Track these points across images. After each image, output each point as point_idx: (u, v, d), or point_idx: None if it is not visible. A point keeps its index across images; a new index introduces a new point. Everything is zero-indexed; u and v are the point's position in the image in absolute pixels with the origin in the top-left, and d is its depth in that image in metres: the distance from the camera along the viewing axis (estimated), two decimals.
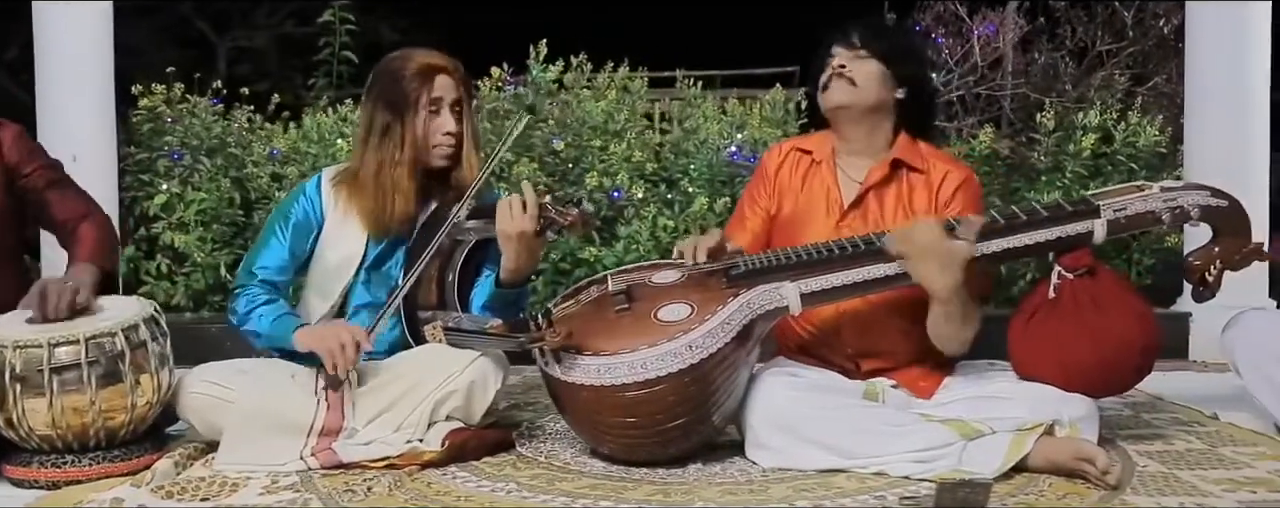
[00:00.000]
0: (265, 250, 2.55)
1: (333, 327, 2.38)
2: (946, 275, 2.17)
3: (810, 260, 2.28)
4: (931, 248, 2.17)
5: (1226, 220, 2.28)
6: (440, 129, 2.49)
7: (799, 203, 2.52)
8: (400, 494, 2.10)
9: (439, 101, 2.48)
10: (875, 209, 2.46)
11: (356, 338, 2.31)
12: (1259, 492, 2.05)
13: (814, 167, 2.53)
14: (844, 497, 2.03)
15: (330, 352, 2.30)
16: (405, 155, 2.47)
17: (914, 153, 2.47)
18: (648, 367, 2.14)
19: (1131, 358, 2.26)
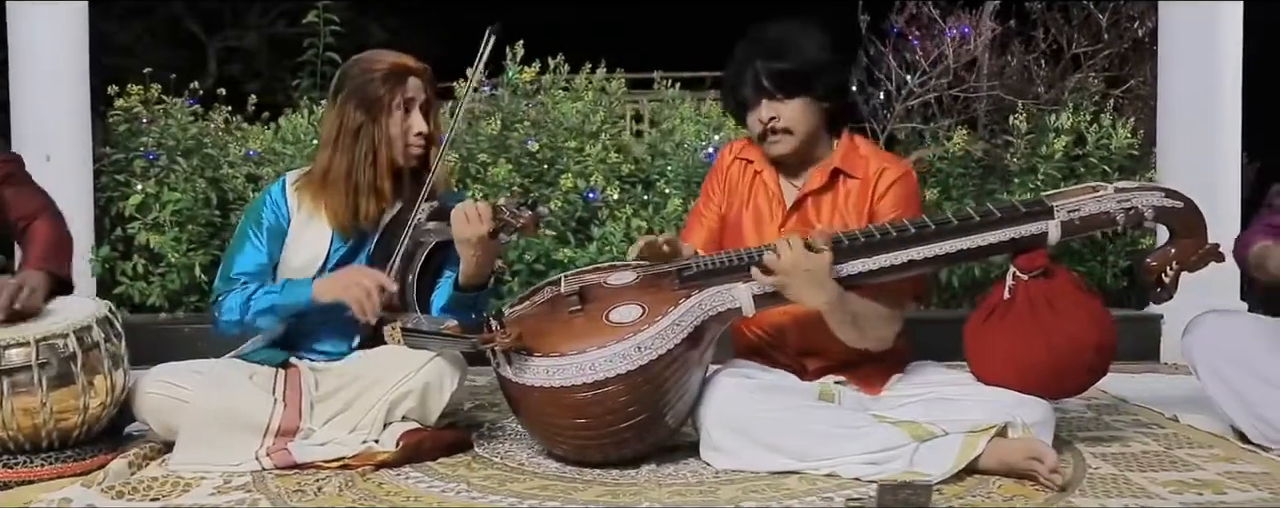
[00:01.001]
0: (241, 255, 2.55)
1: (351, 272, 2.41)
2: (819, 293, 2.19)
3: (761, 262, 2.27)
4: (796, 267, 2.19)
5: (1182, 221, 2.28)
6: (412, 130, 2.49)
7: (744, 207, 2.54)
8: (350, 494, 2.10)
9: (411, 102, 2.49)
10: (814, 214, 2.46)
11: (379, 281, 2.34)
12: (1206, 494, 2.05)
13: (757, 175, 2.54)
14: (792, 498, 2.03)
15: (356, 300, 2.33)
16: (380, 156, 2.48)
17: (853, 159, 2.46)
18: (596, 368, 2.14)
19: (1086, 358, 2.26)
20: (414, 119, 2.50)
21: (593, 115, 4.50)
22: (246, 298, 2.46)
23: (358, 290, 2.32)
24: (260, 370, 2.46)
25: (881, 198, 2.43)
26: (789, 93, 2.40)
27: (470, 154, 4.34)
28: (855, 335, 2.30)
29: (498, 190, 4.22)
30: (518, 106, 4.52)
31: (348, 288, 2.34)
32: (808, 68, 2.39)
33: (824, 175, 2.45)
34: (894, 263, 2.25)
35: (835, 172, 2.46)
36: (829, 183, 2.46)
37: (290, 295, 2.43)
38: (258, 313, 2.46)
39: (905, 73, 4.80)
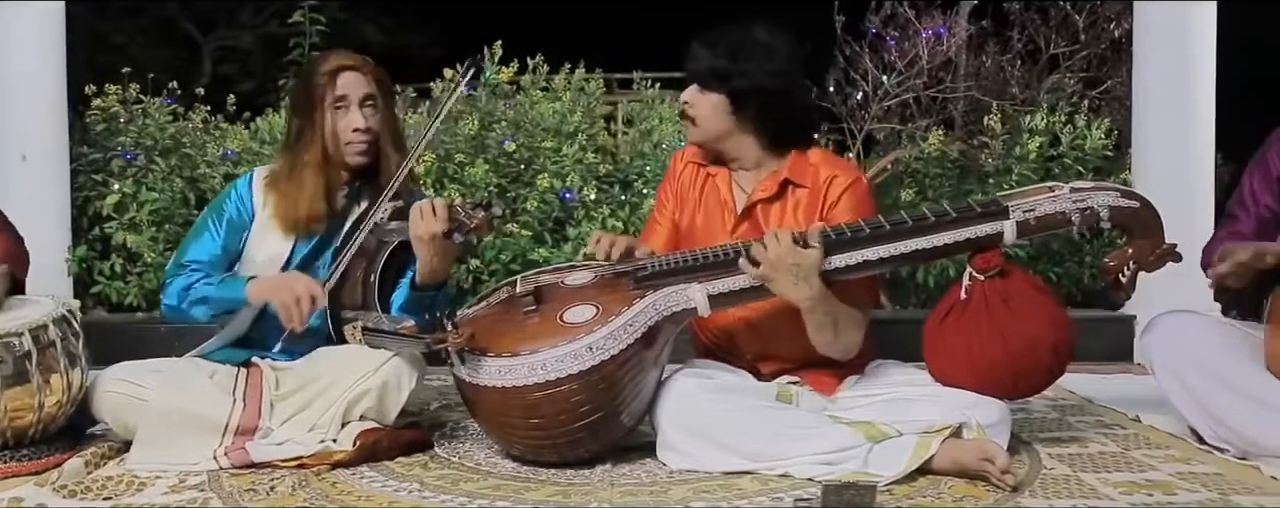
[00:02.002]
0: (196, 244, 2.57)
1: (285, 277, 2.40)
2: (801, 287, 2.18)
3: (718, 262, 2.27)
4: (781, 261, 2.18)
5: (1138, 221, 2.27)
6: (350, 126, 2.50)
7: (696, 212, 2.53)
8: (303, 494, 2.11)
9: (345, 99, 2.50)
10: (764, 221, 2.44)
11: (312, 291, 2.33)
12: (1155, 494, 2.05)
13: (710, 178, 2.53)
14: (742, 498, 2.04)
15: (285, 305, 2.32)
16: (313, 156, 2.49)
17: (802, 170, 2.44)
18: (548, 368, 2.14)
19: (1042, 358, 2.26)
20: (352, 116, 2.50)
21: (570, 115, 4.50)
22: (188, 285, 2.49)
23: (287, 295, 2.32)
24: (221, 369, 2.46)
25: (834, 205, 2.40)
26: (704, 85, 2.41)
27: (448, 154, 4.34)
28: (830, 337, 2.29)
29: (474, 190, 4.22)
30: (495, 107, 4.52)
31: (278, 292, 2.34)
32: (723, 67, 2.37)
33: (774, 184, 2.44)
34: (851, 262, 2.25)
35: (785, 182, 2.44)
36: (779, 192, 2.45)
37: (226, 290, 2.45)
38: (193, 302, 2.48)
39: (882, 73, 4.79)
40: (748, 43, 2.39)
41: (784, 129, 2.46)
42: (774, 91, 2.39)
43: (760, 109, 2.41)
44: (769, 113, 2.42)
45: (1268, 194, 2.48)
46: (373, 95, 2.52)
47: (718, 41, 2.40)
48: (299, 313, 2.32)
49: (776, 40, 2.41)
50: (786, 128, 2.47)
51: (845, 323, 2.29)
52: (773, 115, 2.43)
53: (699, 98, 2.42)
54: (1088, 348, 3.67)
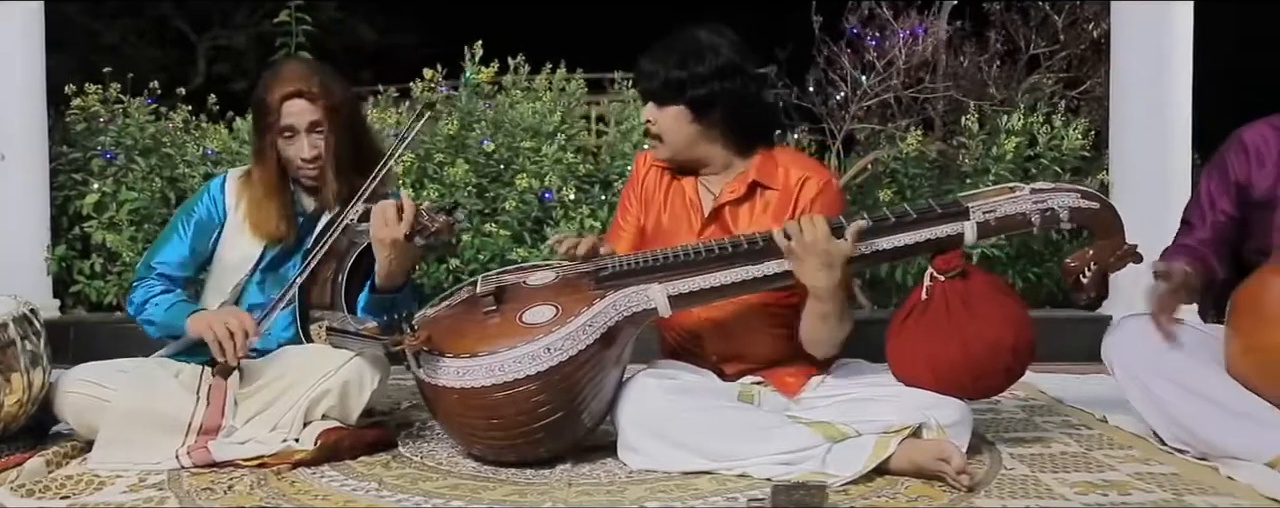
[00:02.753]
0: (166, 246, 2.58)
1: (222, 313, 2.39)
2: (828, 274, 2.17)
3: (679, 262, 2.28)
4: (816, 245, 2.16)
5: (1098, 223, 2.28)
6: (298, 155, 2.50)
7: (662, 214, 2.53)
8: (260, 493, 2.11)
9: (292, 128, 2.49)
10: (731, 223, 2.45)
11: (245, 326, 2.32)
12: (1111, 494, 2.05)
13: (675, 181, 2.53)
14: (697, 498, 2.04)
15: (218, 339, 2.31)
16: (272, 175, 2.53)
17: (770, 171, 2.44)
18: (506, 369, 2.15)
19: (1001, 359, 2.26)
20: (299, 145, 2.49)
21: (550, 115, 4.50)
22: (145, 300, 2.50)
23: (221, 329, 2.30)
24: (187, 368, 2.47)
25: (806, 210, 2.39)
26: (661, 101, 2.40)
27: (427, 153, 4.35)
28: (827, 332, 2.28)
29: (453, 190, 4.23)
30: (476, 106, 4.52)
31: (212, 326, 2.31)
32: (676, 79, 2.35)
33: (741, 186, 2.44)
34: None
35: (753, 184, 2.44)
36: (747, 193, 2.44)
37: (171, 317, 2.45)
38: (145, 321, 2.51)
39: (861, 74, 4.79)
40: (693, 48, 2.38)
41: (746, 127, 2.46)
42: (730, 92, 2.39)
43: (721, 112, 2.40)
44: (729, 113, 2.41)
45: (1225, 199, 2.47)
46: (319, 122, 2.49)
47: (663, 53, 2.39)
48: (231, 348, 2.30)
49: (720, 40, 2.39)
50: (749, 125, 2.47)
51: (846, 318, 2.28)
52: (733, 115, 2.42)
53: (659, 114, 2.42)
54: (1066, 348, 3.67)
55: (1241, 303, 2.28)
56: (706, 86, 2.36)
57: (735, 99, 2.40)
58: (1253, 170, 2.43)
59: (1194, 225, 2.52)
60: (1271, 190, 2.40)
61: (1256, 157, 2.44)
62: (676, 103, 2.38)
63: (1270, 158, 2.42)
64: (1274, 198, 2.39)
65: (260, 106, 2.51)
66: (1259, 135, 2.45)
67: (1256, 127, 2.48)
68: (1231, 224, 2.48)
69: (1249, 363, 2.24)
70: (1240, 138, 2.49)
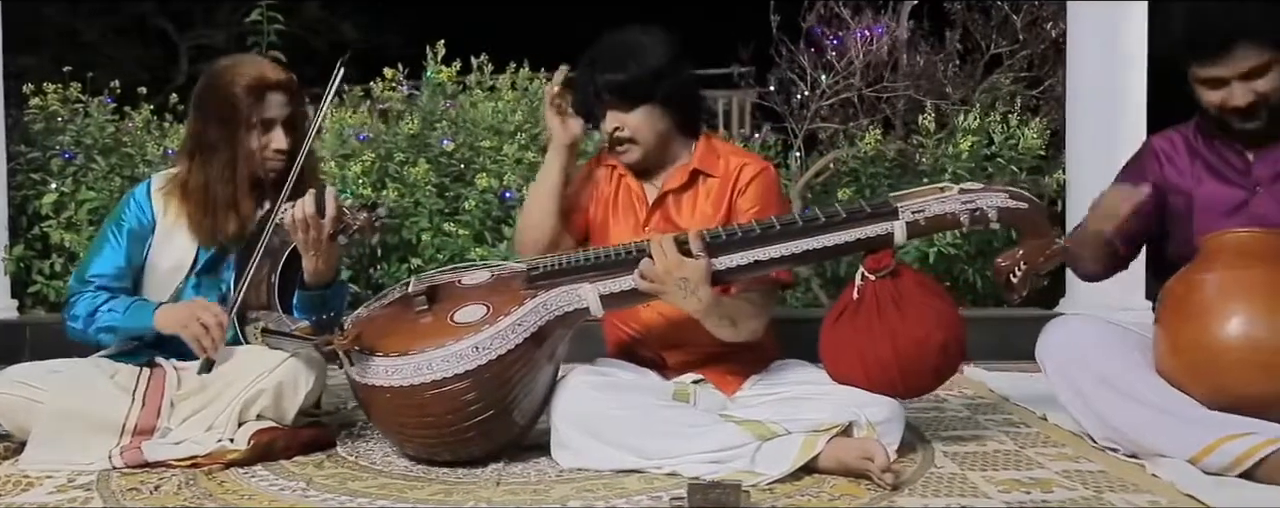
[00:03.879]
0: (99, 258, 2.53)
1: (192, 307, 2.37)
2: (691, 299, 2.21)
3: (610, 262, 2.28)
4: (669, 275, 2.20)
5: (1026, 222, 2.29)
6: (271, 146, 2.48)
7: (610, 209, 2.56)
8: (187, 493, 2.11)
9: (271, 122, 2.47)
10: (675, 211, 2.49)
11: (218, 318, 2.31)
12: (1033, 492, 2.06)
13: (621, 176, 2.56)
14: (622, 497, 2.04)
15: (195, 337, 2.31)
16: (238, 171, 2.47)
17: (711, 160, 2.50)
18: (434, 368, 2.15)
19: (930, 357, 2.27)
20: (274, 136, 2.47)
21: (511, 115, 4.50)
22: (94, 309, 2.45)
23: (196, 327, 2.30)
24: (124, 369, 2.47)
25: (741, 194, 2.46)
26: (630, 102, 2.42)
27: (388, 153, 4.35)
28: (731, 333, 2.32)
29: (414, 190, 4.23)
30: (437, 106, 4.52)
31: (187, 324, 2.30)
32: (646, 75, 2.40)
33: (684, 175, 2.49)
34: (741, 263, 2.25)
35: (694, 172, 2.49)
36: (689, 182, 2.49)
37: (133, 319, 2.43)
38: (100, 329, 2.46)
39: (820, 73, 4.80)
40: (641, 47, 2.43)
41: (693, 117, 2.54)
42: (682, 83, 2.47)
43: (676, 99, 2.46)
44: (685, 105, 2.49)
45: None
46: (294, 115, 2.49)
47: (615, 58, 2.42)
48: (210, 342, 2.30)
49: (656, 35, 2.46)
50: (695, 115, 2.55)
51: (742, 318, 2.32)
52: (685, 106, 2.50)
53: (627, 117, 2.44)
54: (1023, 347, 3.66)
55: (1168, 302, 2.30)
56: (666, 81, 2.42)
57: (686, 90, 2.49)
58: (1165, 171, 2.48)
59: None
60: (1184, 187, 2.43)
61: (1167, 158, 2.49)
62: (646, 102, 2.42)
63: (1180, 160, 2.47)
64: (1189, 195, 2.42)
65: (227, 99, 2.44)
66: (1167, 141, 2.52)
67: (1166, 134, 2.55)
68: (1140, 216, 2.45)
69: (1175, 362, 2.25)
70: (1151, 144, 2.57)
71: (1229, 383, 2.15)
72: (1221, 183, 2.40)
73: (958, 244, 4.01)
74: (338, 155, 4.35)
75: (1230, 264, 2.23)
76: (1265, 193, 2.34)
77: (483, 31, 4.70)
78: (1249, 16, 2.25)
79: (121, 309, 2.45)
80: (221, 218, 2.48)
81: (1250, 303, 2.16)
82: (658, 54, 2.41)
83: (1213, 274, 2.24)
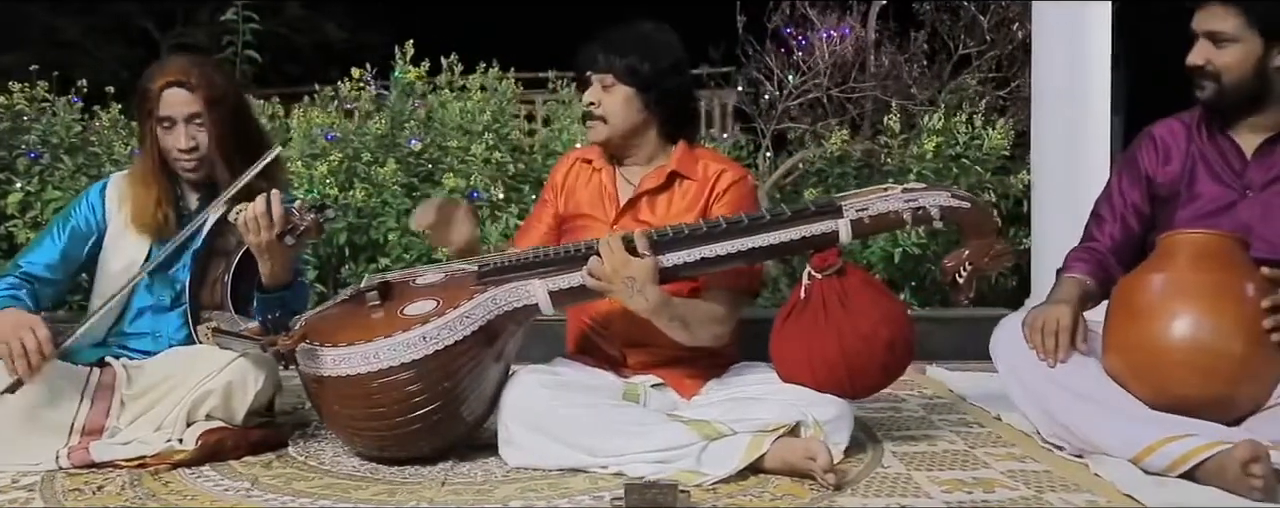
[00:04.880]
0: (38, 248, 2.56)
1: (20, 324, 2.25)
2: (638, 298, 2.22)
3: (561, 259, 2.29)
4: (617, 274, 2.21)
5: (970, 222, 2.30)
6: (174, 146, 2.50)
7: (581, 206, 2.56)
8: (130, 493, 2.11)
9: (170, 119, 2.48)
10: (648, 212, 2.50)
11: (42, 346, 2.22)
12: (975, 492, 2.07)
13: (595, 173, 2.57)
14: (565, 498, 2.05)
15: (10, 356, 2.21)
16: (152, 165, 2.53)
17: (689, 163, 2.50)
18: (381, 357, 2.16)
19: (877, 356, 2.27)
20: (176, 135, 2.49)
21: (480, 114, 4.50)
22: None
23: (16, 346, 2.21)
24: (74, 369, 2.46)
25: (718, 199, 2.46)
26: (615, 82, 2.44)
27: (356, 153, 4.34)
28: (686, 336, 2.32)
29: (380, 190, 4.23)
30: (405, 106, 4.52)
31: (8, 342, 2.22)
32: (643, 65, 2.43)
33: (660, 176, 2.49)
34: (689, 260, 2.26)
35: (672, 174, 2.49)
36: (665, 184, 2.49)
37: None
38: None
39: (787, 73, 4.80)
40: (653, 41, 2.47)
41: (681, 119, 2.55)
42: (679, 87, 2.51)
43: (667, 100, 2.48)
44: (674, 107, 2.51)
45: (1135, 191, 2.48)
46: (199, 113, 2.48)
47: (623, 41, 2.46)
48: (24, 365, 2.21)
49: (671, 36, 2.51)
50: (683, 117, 2.56)
51: (697, 321, 2.32)
52: (676, 110, 2.52)
53: (605, 95, 2.46)
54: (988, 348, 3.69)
55: (1116, 302, 2.30)
56: (665, 79, 2.46)
57: (681, 94, 2.52)
58: (1159, 164, 2.45)
59: (1104, 218, 2.54)
60: (1175, 185, 2.42)
61: (1164, 150, 2.46)
62: (631, 88, 2.44)
63: (1177, 152, 2.43)
64: (1176, 193, 2.41)
65: (142, 96, 2.50)
66: (1168, 130, 2.48)
67: (1167, 122, 2.51)
68: (1140, 217, 2.49)
69: (1121, 361, 2.25)
70: (1151, 132, 2.52)
71: (1170, 384, 2.15)
72: (1214, 181, 2.37)
73: (923, 244, 4.01)
74: (305, 155, 4.34)
75: (1180, 266, 2.21)
76: (1255, 197, 2.32)
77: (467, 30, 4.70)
78: None
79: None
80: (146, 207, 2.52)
81: (1194, 306, 2.15)
82: (664, 52, 2.46)
83: (1160, 275, 2.23)
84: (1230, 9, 2.23)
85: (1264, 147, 2.32)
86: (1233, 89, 2.28)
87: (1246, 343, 2.10)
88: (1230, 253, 2.21)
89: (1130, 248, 2.49)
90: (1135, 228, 2.50)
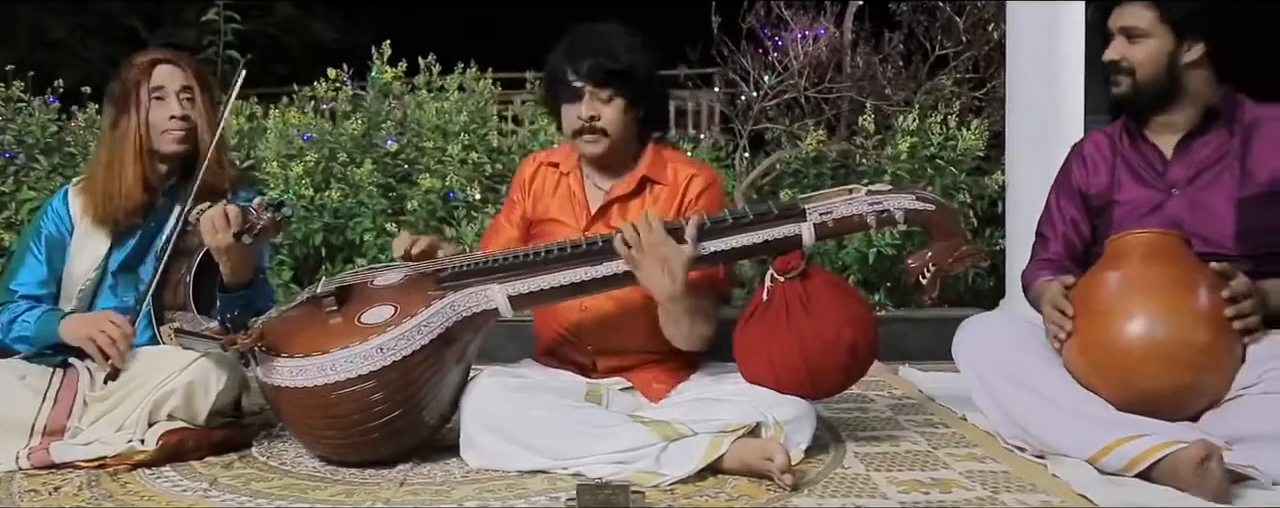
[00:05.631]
0: (22, 269, 2.57)
1: (97, 318, 2.39)
2: (668, 278, 2.19)
3: (520, 263, 2.28)
4: (654, 248, 2.18)
5: (934, 224, 2.30)
6: (166, 114, 2.52)
7: (550, 211, 2.54)
8: (87, 494, 2.11)
9: (162, 89, 2.52)
10: (619, 219, 2.46)
11: (123, 329, 2.34)
12: (932, 493, 2.07)
13: (562, 178, 2.55)
14: (521, 498, 2.05)
15: (102, 348, 2.33)
16: (131, 146, 2.51)
17: (660, 167, 2.48)
18: (337, 369, 2.15)
19: (839, 359, 2.27)
20: (169, 104, 2.52)
21: (456, 115, 4.50)
22: (13, 318, 2.49)
23: (103, 338, 2.33)
24: (36, 370, 2.47)
25: (692, 203, 2.44)
26: (613, 93, 2.40)
27: (332, 153, 4.34)
28: (684, 331, 2.30)
29: (356, 190, 4.23)
30: (381, 107, 4.52)
31: (93, 336, 2.33)
32: (636, 73, 2.40)
33: (632, 182, 2.46)
34: None
35: (644, 179, 2.47)
36: (636, 189, 2.47)
37: (43, 327, 2.45)
38: (16, 338, 2.49)
39: (763, 74, 4.81)
40: (631, 43, 2.41)
41: (656, 119, 2.54)
42: (658, 86, 2.51)
43: (649, 104, 2.47)
44: (654, 105, 2.50)
45: (1071, 206, 2.53)
46: (190, 87, 2.54)
47: (608, 46, 2.39)
48: (117, 353, 2.33)
49: (639, 35, 2.44)
50: (659, 118, 2.56)
51: (698, 317, 2.30)
52: (655, 107, 2.51)
53: (605, 109, 2.41)
54: None
55: (1076, 302, 2.30)
56: (651, 84, 2.45)
57: (661, 96, 2.53)
58: (1089, 177, 2.51)
59: (1047, 238, 2.59)
60: (1106, 194, 2.46)
61: (1092, 164, 2.51)
62: (623, 97, 2.40)
63: (1103, 163, 2.49)
64: (1109, 202, 2.44)
65: (123, 82, 2.52)
66: (1093, 142, 2.54)
67: (1093, 134, 2.57)
68: (1080, 232, 2.53)
69: (1085, 360, 2.25)
70: (1078, 147, 2.59)
71: (1135, 379, 2.16)
72: (1140, 185, 2.41)
73: (897, 244, 4.02)
74: (282, 156, 4.34)
75: (1134, 264, 2.23)
76: (1180, 195, 2.36)
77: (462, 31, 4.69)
78: None
79: (33, 320, 2.47)
80: (127, 192, 2.52)
81: (1153, 300, 2.16)
82: (647, 55, 2.42)
83: (1116, 273, 2.24)
84: (1144, 5, 2.27)
85: (1181, 145, 2.36)
86: (1146, 84, 2.32)
87: (1209, 332, 2.12)
88: (1179, 250, 2.24)
89: (1076, 262, 2.52)
90: (1077, 243, 2.54)
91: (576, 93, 2.39)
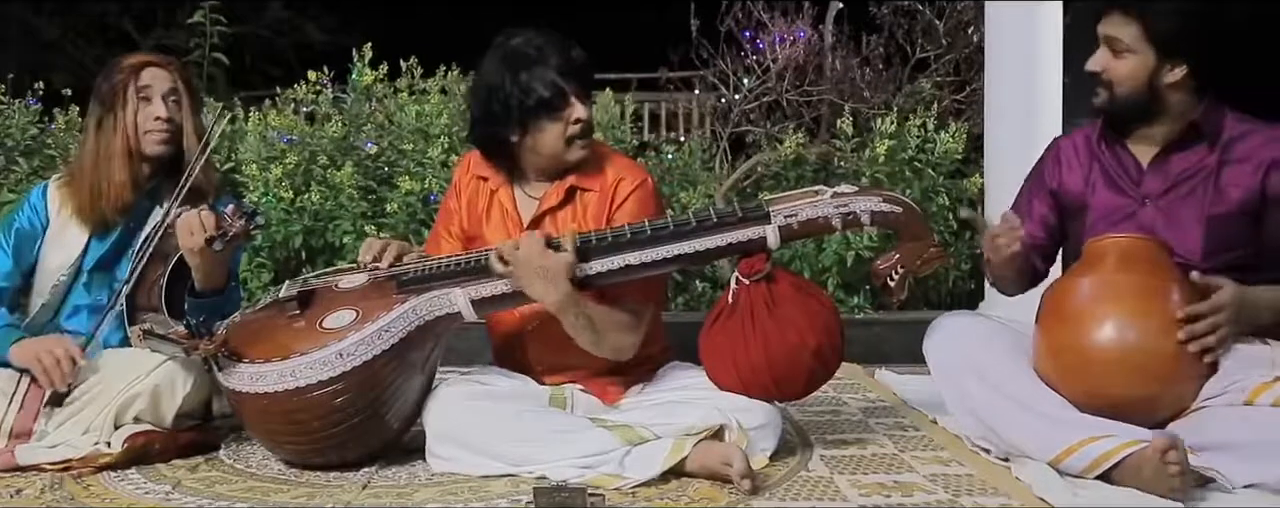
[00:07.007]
0: None
1: (45, 342, 2.39)
2: (548, 290, 2.18)
3: (482, 266, 2.27)
4: (529, 263, 2.18)
5: (901, 226, 2.30)
6: (151, 115, 2.53)
7: (483, 225, 2.48)
8: (51, 496, 2.11)
9: (148, 90, 2.54)
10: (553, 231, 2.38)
11: (70, 352, 2.33)
12: (893, 496, 2.07)
13: (492, 194, 2.48)
14: (484, 501, 2.05)
15: (45, 370, 2.33)
16: (117, 145, 2.52)
17: (588, 174, 2.42)
18: (298, 375, 2.15)
19: (803, 361, 2.26)
20: (154, 105, 2.54)
21: (437, 118, 4.50)
22: None
23: (47, 359, 2.32)
24: (4, 372, 2.46)
25: (619, 207, 2.40)
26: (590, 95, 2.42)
27: (312, 155, 4.34)
28: (592, 340, 2.28)
29: (337, 192, 4.22)
30: (362, 109, 4.52)
31: (39, 358, 2.33)
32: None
33: (561, 193, 2.41)
34: (613, 267, 2.25)
35: (571, 188, 2.42)
36: (566, 199, 2.42)
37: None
38: None
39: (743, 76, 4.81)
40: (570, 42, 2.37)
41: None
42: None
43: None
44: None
45: (1040, 202, 2.53)
46: (177, 90, 2.57)
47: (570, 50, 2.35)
48: (60, 376, 2.33)
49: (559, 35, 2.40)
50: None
51: (605, 326, 2.27)
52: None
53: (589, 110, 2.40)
54: None
55: (1047, 305, 2.31)
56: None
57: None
58: (1063, 175, 2.49)
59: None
60: (1079, 195, 2.45)
61: (1067, 163, 2.49)
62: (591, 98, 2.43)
63: (1078, 163, 2.47)
64: (1084, 203, 2.43)
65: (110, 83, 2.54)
66: (1070, 143, 2.52)
67: (1073, 134, 2.56)
68: (1047, 228, 2.52)
69: (1053, 363, 2.25)
70: (1056, 144, 2.57)
71: (1102, 385, 2.16)
72: (1114, 192, 2.40)
73: (874, 246, 4.02)
74: (262, 158, 4.34)
75: (1108, 269, 2.23)
76: (1153, 205, 2.34)
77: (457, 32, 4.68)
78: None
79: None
80: (115, 191, 2.53)
81: (1124, 307, 2.16)
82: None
83: (1089, 278, 2.24)
84: (1131, 19, 2.25)
85: (1158, 157, 2.35)
86: (1124, 99, 2.30)
87: (1177, 342, 2.11)
88: (1156, 256, 2.23)
89: (1038, 254, 2.53)
90: (1042, 239, 2.53)
91: (565, 101, 2.34)
